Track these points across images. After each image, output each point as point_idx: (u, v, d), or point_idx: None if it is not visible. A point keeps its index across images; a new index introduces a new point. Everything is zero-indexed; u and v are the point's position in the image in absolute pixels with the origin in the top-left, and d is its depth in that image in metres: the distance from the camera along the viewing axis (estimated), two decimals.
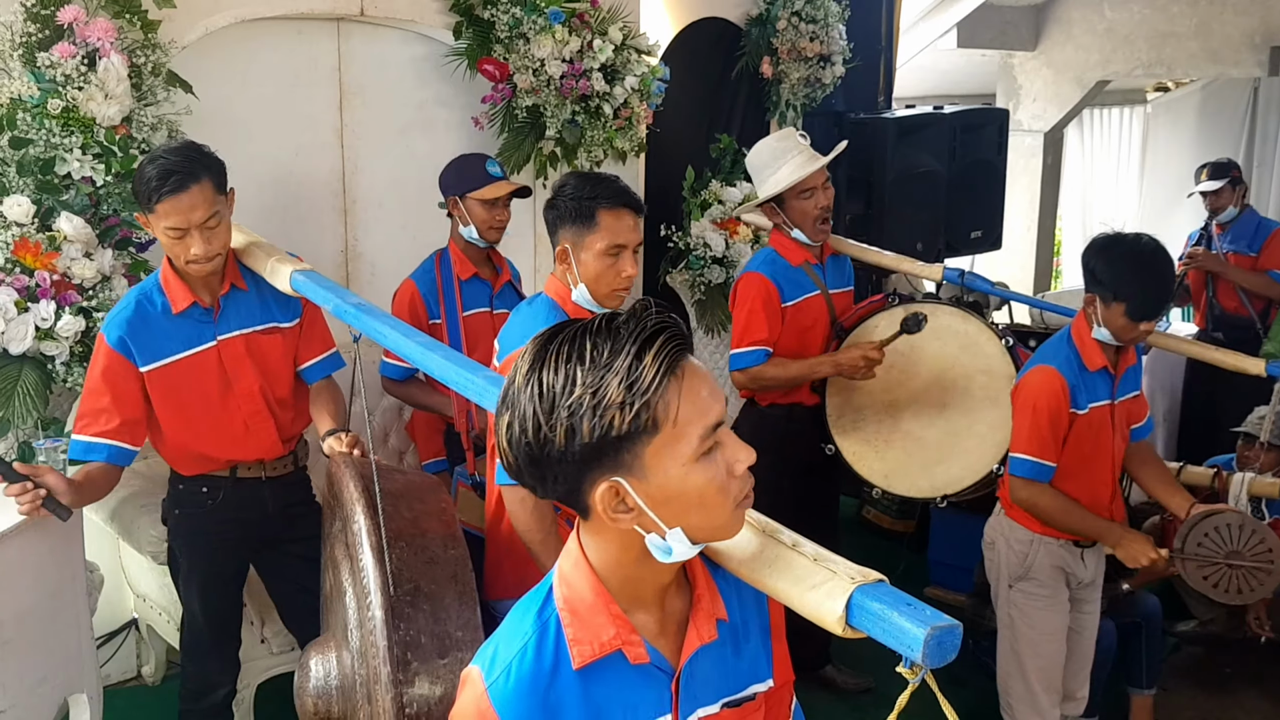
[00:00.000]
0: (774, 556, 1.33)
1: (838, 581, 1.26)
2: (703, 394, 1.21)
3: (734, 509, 1.25)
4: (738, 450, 1.24)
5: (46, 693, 2.59)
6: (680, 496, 1.21)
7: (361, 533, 2.12)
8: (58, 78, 2.93)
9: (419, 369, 2.37)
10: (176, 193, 2.47)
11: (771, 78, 5.12)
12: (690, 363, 1.21)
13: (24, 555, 2.50)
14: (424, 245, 3.63)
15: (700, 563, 1.36)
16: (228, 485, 2.79)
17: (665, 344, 1.17)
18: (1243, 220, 5.49)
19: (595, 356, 1.17)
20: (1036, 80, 8.13)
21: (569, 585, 1.30)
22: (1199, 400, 5.51)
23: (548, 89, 4.04)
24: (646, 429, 1.17)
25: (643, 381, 1.16)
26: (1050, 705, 3.10)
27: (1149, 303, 2.78)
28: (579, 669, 1.26)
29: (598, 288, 2.53)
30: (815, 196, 3.38)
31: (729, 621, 1.36)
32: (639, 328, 1.18)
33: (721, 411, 1.23)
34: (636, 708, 1.29)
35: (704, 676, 1.33)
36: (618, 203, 2.50)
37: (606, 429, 1.16)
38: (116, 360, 2.59)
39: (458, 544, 2.27)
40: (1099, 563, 3.15)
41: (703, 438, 1.20)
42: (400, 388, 3.41)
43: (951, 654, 1.18)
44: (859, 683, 3.80)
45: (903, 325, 3.25)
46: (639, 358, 1.16)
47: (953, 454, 3.43)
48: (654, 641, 1.31)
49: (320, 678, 2.18)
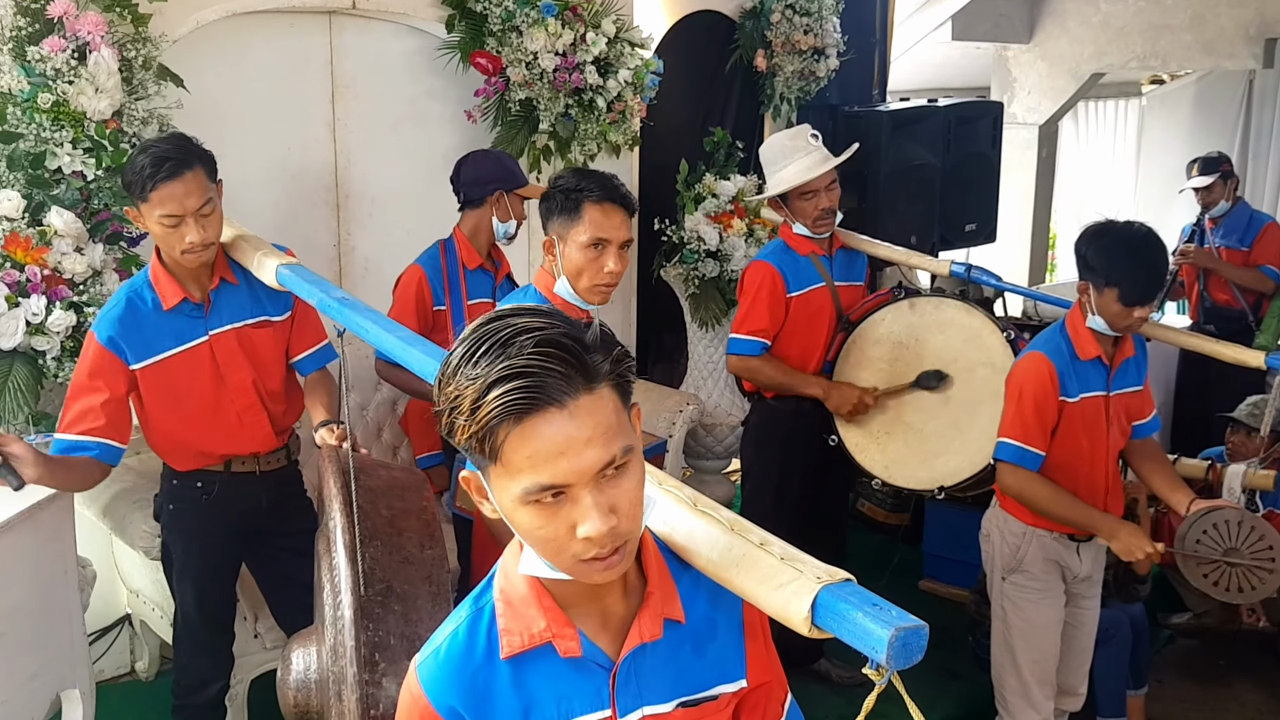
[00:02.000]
0: (741, 555, 1.32)
1: (803, 581, 1.24)
2: (544, 452, 1.13)
3: (572, 563, 1.20)
4: (586, 516, 1.16)
5: (38, 688, 2.59)
6: (513, 524, 1.21)
7: (336, 530, 2.09)
8: (48, 71, 2.91)
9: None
10: (171, 179, 2.47)
11: (765, 71, 5.11)
12: (552, 413, 1.13)
13: (15, 550, 2.50)
14: (417, 238, 3.62)
15: (657, 559, 1.35)
16: (222, 479, 2.79)
17: (515, 390, 1.12)
18: (1235, 214, 5.50)
19: (479, 361, 1.14)
20: (1031, 73, 8.12)
21: (507, 577, 1.32)
22: (1192, 393, 5.52)
23: (541, 82, 4.04)
24: (484, 453, 1.16)
25: (480, 412, 1.13)
26: (1044, 698, 3.10)
27: (1140, 287, 2.78)
28: (506, 659, 1.28)
29: (578, 281, 2.53)
30: (817, 198, 3.41)
31: (688, 621, 1.35)
32: (506, 362, 1.13)
33: (572, 475, 1.15)
34: (570, 699, 1.30)
35: (652, 674, 1.33)
36: (604, 197, 2.50)
37: (450, 432, 1.17)
38: (106, 358, 2.57)
39: (435, 544, 2.24)
40: (1096, 557, 3.14)
41: (528, 490, 1.15)
42: (394, 371, 3.41)
43: (917, 655, 1.16)
44: (854, 675, 3.81)
45: (918, 381, 3.35)
46: (488, 390, 1.13)
47: (953, 446, 3.44)
48: (595, 637, 1.31)
49: (300, 671, 2.16)
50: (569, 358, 1.14)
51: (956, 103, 5.51)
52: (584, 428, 1.15)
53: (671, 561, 1.38)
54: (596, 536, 1.16)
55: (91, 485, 2.61)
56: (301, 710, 2.18)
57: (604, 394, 1.17)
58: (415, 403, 3.71)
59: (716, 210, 4.66)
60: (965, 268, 3.66)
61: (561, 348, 1.14)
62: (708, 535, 1.35)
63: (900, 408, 3.52)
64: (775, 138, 3.55)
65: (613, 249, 2.51)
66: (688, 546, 1.36)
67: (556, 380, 1.13)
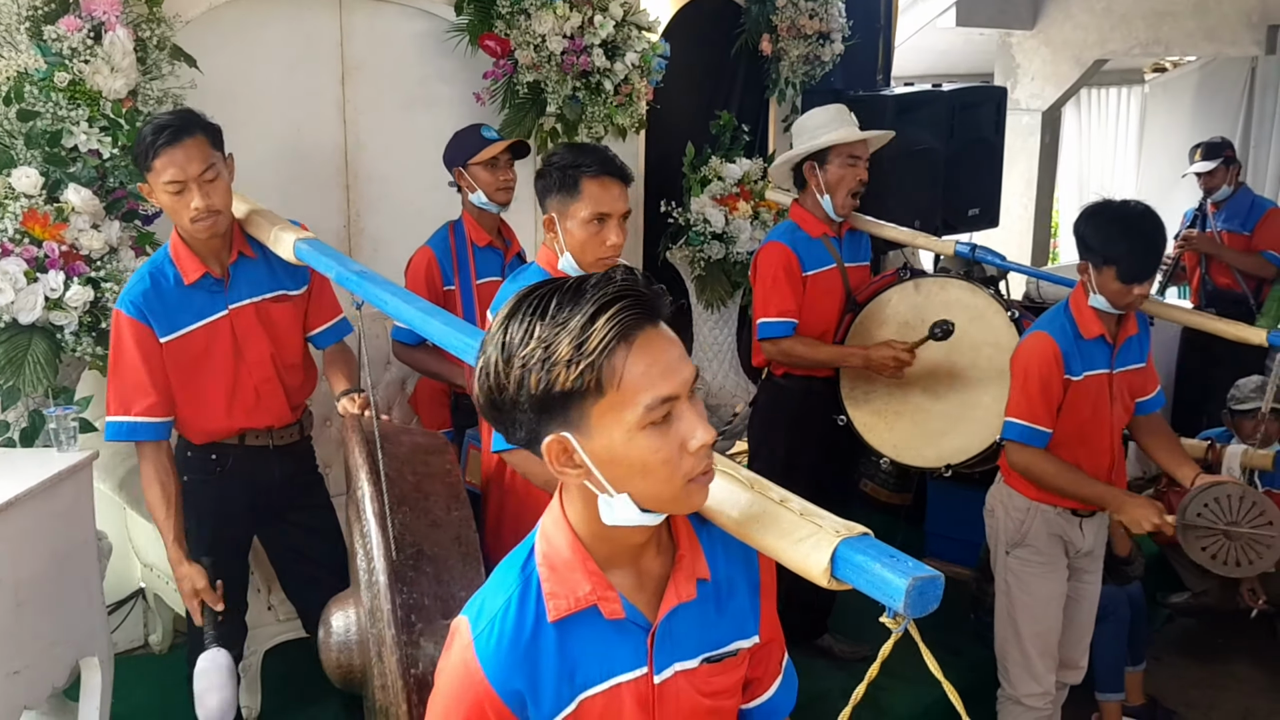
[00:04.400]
0: (761, 512, 1.36)
1: (823, 535, 1.28)
2: (656, 364, 1.20)
3: (683, 484, 1.24)
4: (695, 427, 1.23)
5: (59, 655, 2.63)
6: (624, 460, 1.23)
7: (365, 498, 2.15)
8: (64, 51, 2.94)
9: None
10: (171, 144, 2.51)
11: (771, 55, 5.14)
12: (652, 331, 1.21)
13: (37, 520, 2.54)
14: (426, 220, 3.66)
15: (685, 521, 1.39)
16: (236, 453, 2.82)
17: (622, 310, 1.18)
18: (1237, 199, 5.53)
19: (555, 313, 1.19)
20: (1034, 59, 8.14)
21: (549, 541, 1.35)
22: (1193, 375, 5.56)
23: (549, 65, 4.06)
24: (591, 390, 1.19)
25: (590, 342, 1.17)
26: (1046, 671, 3.15)
27: (1138, 264, 2.81)
28: (554, 622, 1.31)
29: (583, 256, 2.56)
30: (858, 167, 3.46)
31: (711, 580, 1.39)
32: (601, 291, 1.20)
33: (681, 385, 1.22)
34: (611, 660, 1.34)
35: (683, 632, 1.37)
36: (601, 171, 2.52)
37: (551, 384, 1.19)
38: (142, 332, 2.60)
39: (461, 505, 2.29)
40: (1098, 532, 3.19)
41: (649, 407, 1.20)
42: (411, 353, 3.45)
43: (933, 604, 1.21)
44: (856, 651, 3.86)
45: (930, 333, 3.34)
46: (593, 319, 1.18)
47: (959, 425, 3.49)
48: (632, 597, 1.34)
49: (341, 631, 2.24)
50: (643, 286, 1.22)
51: (960, 88, 5.52)
52: (674, 343, 1.25)
53: (692, 518, 1.41)
54: (709, 441, 1.24)
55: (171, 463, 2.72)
56: (345, 670, 2.26)
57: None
58: (425, 381, 3.74)
59: (722, 193, 4.70)
60: (970, 248, 3.70)
61: (631, 280, 1.22)
62: (729, 493, 1.39)
63: (907, 387, 3.56)
64: (817, 109, 3.60)
65: (613, 222, 2.54)
66: (709, 505, 1.39)
67: (651, 299, 1.22)
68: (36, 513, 2.53)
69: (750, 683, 1.49)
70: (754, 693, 1.51)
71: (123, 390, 2.63)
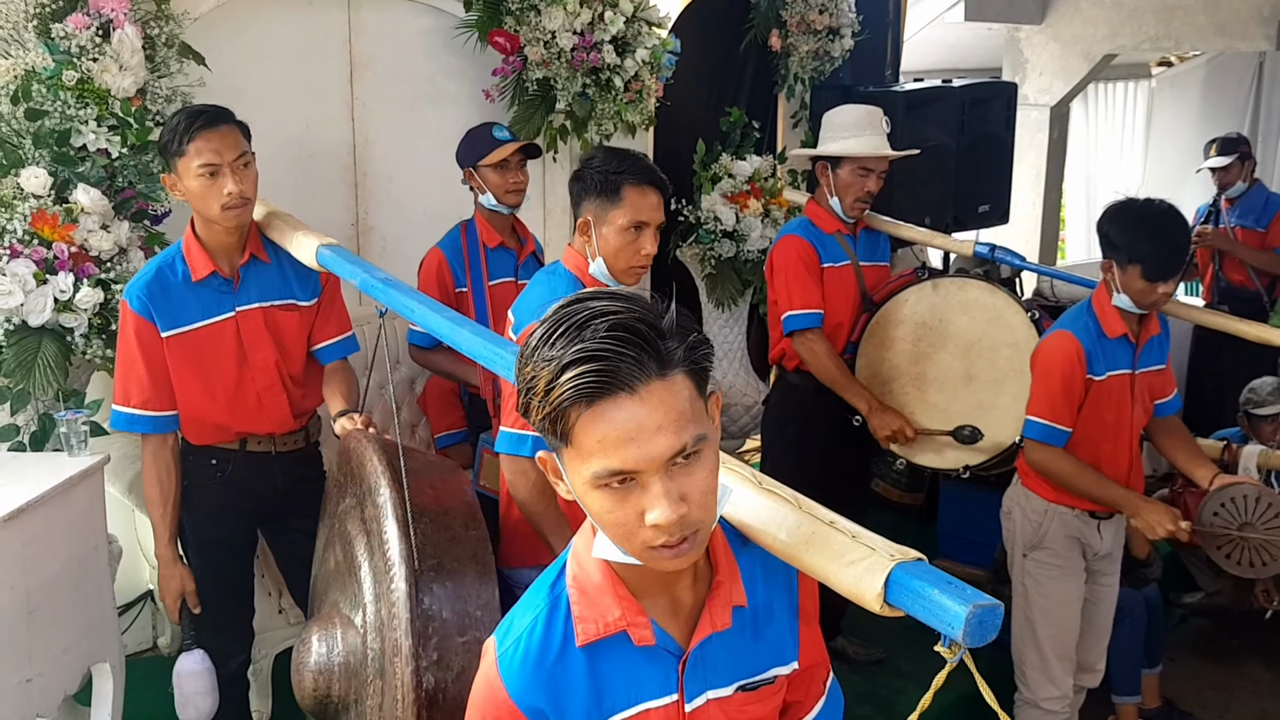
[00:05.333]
0: (811, 533, 1.32)
1: (877, 558, 1.24)
2: (614, 435, 1.13)
3: (642, 549, 1.20)
4: (655, 503, 1.16)
5: (71, 661, 2.61)
6: (585, 508, 1.22)
7: (386, 504, 2.11)
8: (72, 49, 2.91)
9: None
10: (208, 128, 2.51)
11: (780, 51, 5.10)
12: (623, 399, 1.13)
13: (49, 526, 2.51)
14: (435, 218, 3.63)
15: (724, 545, 1.36)
16: (237, 457, 2.80)
17: (585, 374, 1.12)
18: (1251, 195, 5.50)
19: (554, 344, 1.15)
20: (1043, 54, 8.08)
21: (580, 564, 1.32)
22: (1205, 374, 5.53)
23: (558, 61, 4.03)
24: (556, 434, 1.17)
25: (554, 394, 1.14)
26: (1064, 674, 3.13)
27: (1163, 263, 2.80)
28: (582, 646, 1.28)
29: (615, 263, 2.52)
30: (868, 180, 3.44)
31: (749, 605, 1.36)
32: (579, 346, 1.13)
33: (643, 461, 1.14)
34: (640, 687, 1.31)
35: (717, 660, 1.34)
36: (644, 180, 2.49)
37: (525, 411, 1.19)
38: (143, 325, 2.61)
39: (478, 525, 2.26)
40: (1116, 534, 3.16)
41: (597, 475, 1.15)
42: (427, 356, 3.43)
43: (992, 633, 1.17)
44: (870, 654, 3.84)
45: (954, 434, 3.38)
46: (561, 372, 1.13)
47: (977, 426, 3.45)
48: (665, 623, 1.31)
49: (323, 654, 2.15)
50: (643, 343, 1.14)
51: (971, 83, 5.49)
52: (655, 414, 1.14)
53: (733, 541, 1.38)
54: (665, 524, 1.16)
55: (174, 460, 2.74)
56: (321, 696, 2.16)
57: (678, 381, 1.16)
58: (434, 381, 3.72)
59: (733, 190, 4.66)
60: (989, 248, 3.67)
61: (636, 332, 1.14)
62: (775, 514, 1.35)
63: (925, 388, 3.53)
64: (849, 107, 3.57)
65: (649, 231, 2.51)
66: (755, 526, 1.36)
67: (629, 365, 1.13)
68: (48, 519, 2.50)
69: (790, 706, 1.46)
70: (795, 716, 1.47)
71: (124, 380, 2.65)
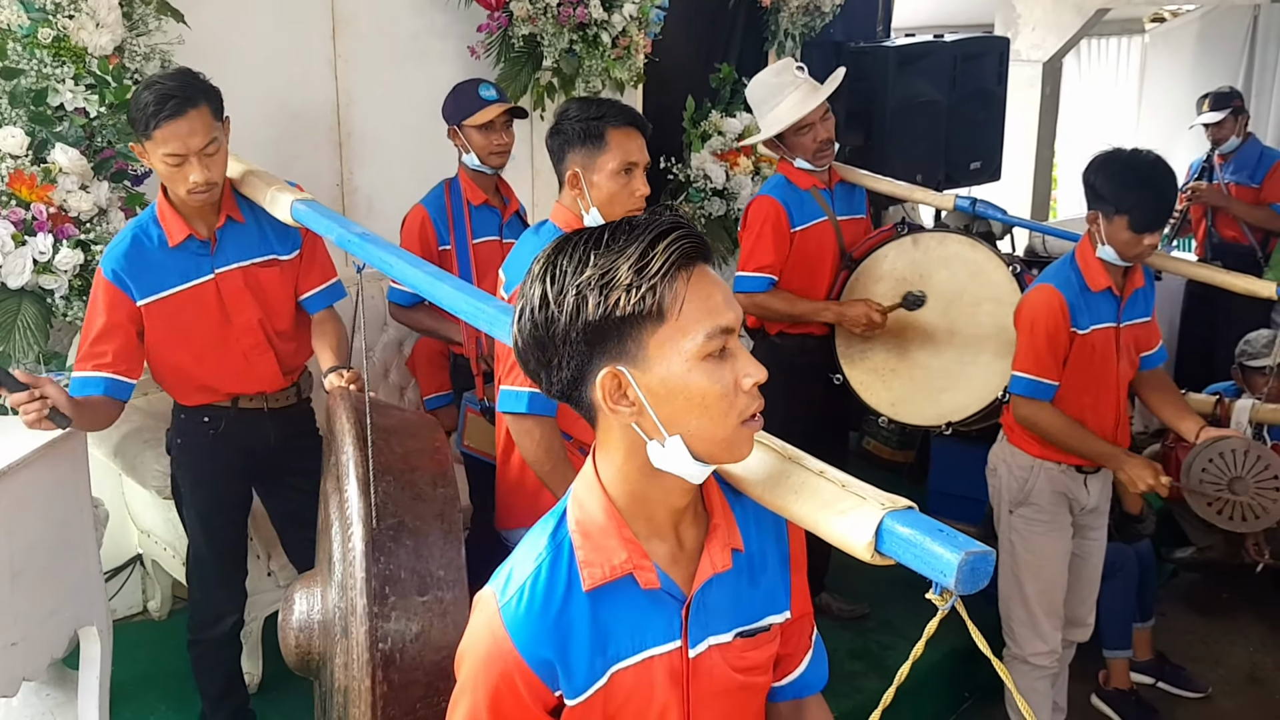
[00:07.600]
0: (800, 483, 1.30)
1: (867, 507, 1.22)
2: (714, 296, 1.20)
3: (738, 424, 1.22)
4: (749, 365, 1.22)
5: (57, 624, 2.60)
6: (681, 394, 1.20)
7: (349, 464, 2.07)
8: (48, 6, 2.86)
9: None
10: (174, 118, 2.44)
11: (770, 6, 5.04)
12: (705, 267, 1.22)
13: (32, 487, 2.50)
14: (421, 177, 3.59)
15: (718, 492, 1.35)
16: (230, 415, 2.78)
17: (679, 238, 1.19)
18: (1245, 150, 5.45)
19: (611, 244, 1.19)
20: (1035, 8, 7.99)
21: (582, 507, 1.30)
22: (1197, 329, 5.52)
23: (545, 17, 3.98)
24: (651, 315, 1.17)
25: (651, 267, 1.17)
26: (1051, 629, 3.13)
27: (1150, 213, 2.78)
28: (588, 591, 1.26)
29: (612, 209, 2.48)
30: (814, 130, 3.38)
31: (745, 552, 1.35)
32: (656, 221, 1.20)
33: (734, 320, 1.22)
34: (644, 632, 1.30)
35: (717, 605, 1.33)
36: (625, 121, 2.47)
37: (610, 308, 1.17)
38: (113, 294, 2.57)
39: (448, 483, 2.21)
40: (1103, 489, 3.16)
41: (709, 335, 1.19)
42: (408, 314, 3.40)
43: (984, 580, 1.15)
44: (854, 609, 3.84)
45: (903, 301, 3.37)
46: (651, 245, 1.18)
47: (959, 381, 3.45)
48: (667, 568, 1.30)
49: (303, 612, 2.14)
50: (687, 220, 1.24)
51: (962, 38, 5.43)
52: (724, 285, 1.24)
53: (726, 491, 1.38)
54: (762, 379, 1.23)
55: (109, 423, 2.62)
56: (303, 652, 2.15)
57: None
58: (422, 343, 3.69)
59: (723, 148, 4.63)
60: (970, 202, 3.63)
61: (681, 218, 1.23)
62: (765, 464, 1.34)
63: (905, 345, 3.51)
64: (761, 76, 3.50)
65: (639, 171, 2.49)
66: (743, 475, 1.35)
67: (697, 233, 1.23)
68: (31, 481, 2.49)
69: (781, 659, 1.45)
70: (785, 669, 1.47)
71: (84, 346, 2.57)
